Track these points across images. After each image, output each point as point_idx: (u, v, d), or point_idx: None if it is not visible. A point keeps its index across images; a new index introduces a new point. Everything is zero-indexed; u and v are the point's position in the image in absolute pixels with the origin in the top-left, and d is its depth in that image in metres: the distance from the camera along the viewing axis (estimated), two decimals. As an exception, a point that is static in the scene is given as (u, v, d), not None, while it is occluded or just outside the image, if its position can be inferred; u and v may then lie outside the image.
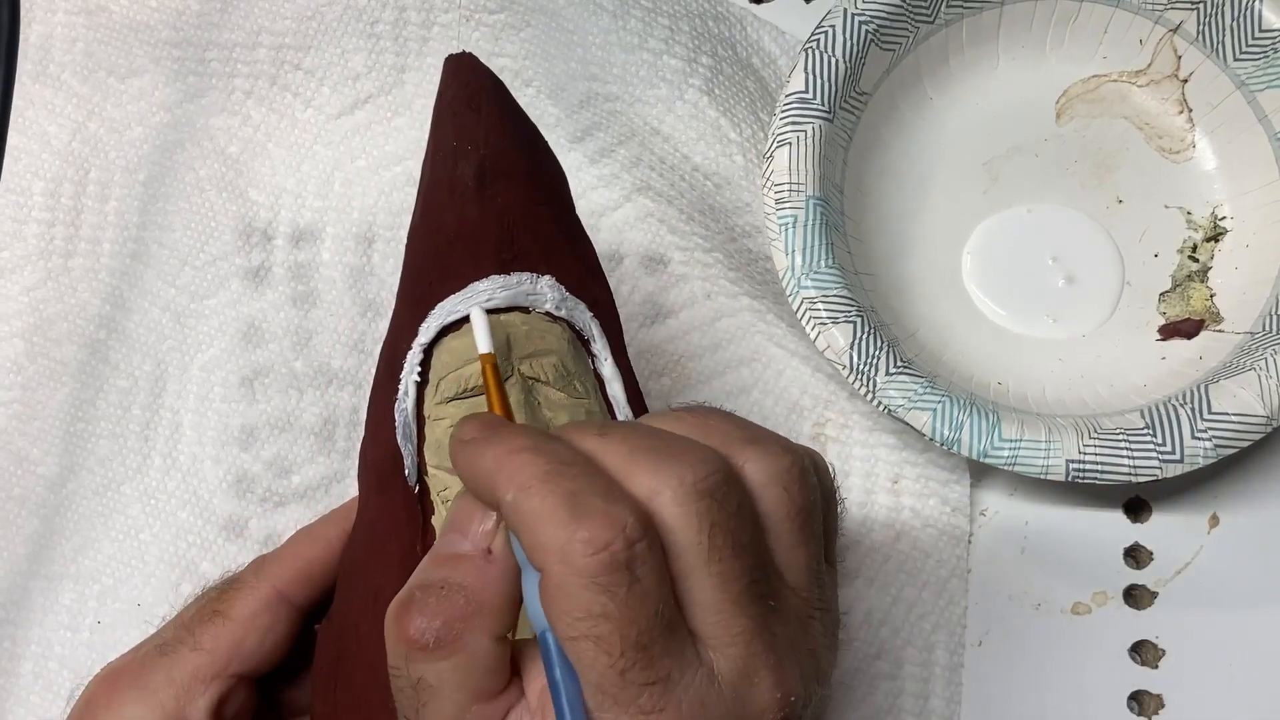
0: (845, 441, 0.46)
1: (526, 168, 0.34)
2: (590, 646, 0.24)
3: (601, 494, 0.25)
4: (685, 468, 0.26)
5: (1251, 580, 0.44)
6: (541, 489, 0.25)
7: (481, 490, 0.26)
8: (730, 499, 0.26)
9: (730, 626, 0.25)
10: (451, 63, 0.34)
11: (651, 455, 0.26)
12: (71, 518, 0.46)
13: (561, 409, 0.31)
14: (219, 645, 0.33)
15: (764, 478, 0.27)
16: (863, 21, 0.46)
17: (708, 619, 0.25)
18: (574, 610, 0.24)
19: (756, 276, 0.48)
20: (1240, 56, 0.47)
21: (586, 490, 0.25)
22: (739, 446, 0.27)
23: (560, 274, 0.33)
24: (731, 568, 0.25)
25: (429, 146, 0.34)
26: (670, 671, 0.24)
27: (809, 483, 0.28)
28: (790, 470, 0.27)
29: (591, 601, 0.24)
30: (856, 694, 0.43)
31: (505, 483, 0.25)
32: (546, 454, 0.26)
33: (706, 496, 0.25)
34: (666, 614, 0.25)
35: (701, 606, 0.25)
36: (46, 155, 0.50)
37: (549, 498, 0.25)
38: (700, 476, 0.25)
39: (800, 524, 0.27)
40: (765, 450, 0.27)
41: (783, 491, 0.27)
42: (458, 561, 0.27)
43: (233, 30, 0.51)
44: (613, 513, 0.24)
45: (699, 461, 0.26)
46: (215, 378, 0.47)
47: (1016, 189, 0.49)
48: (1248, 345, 0.44)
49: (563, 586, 0.24)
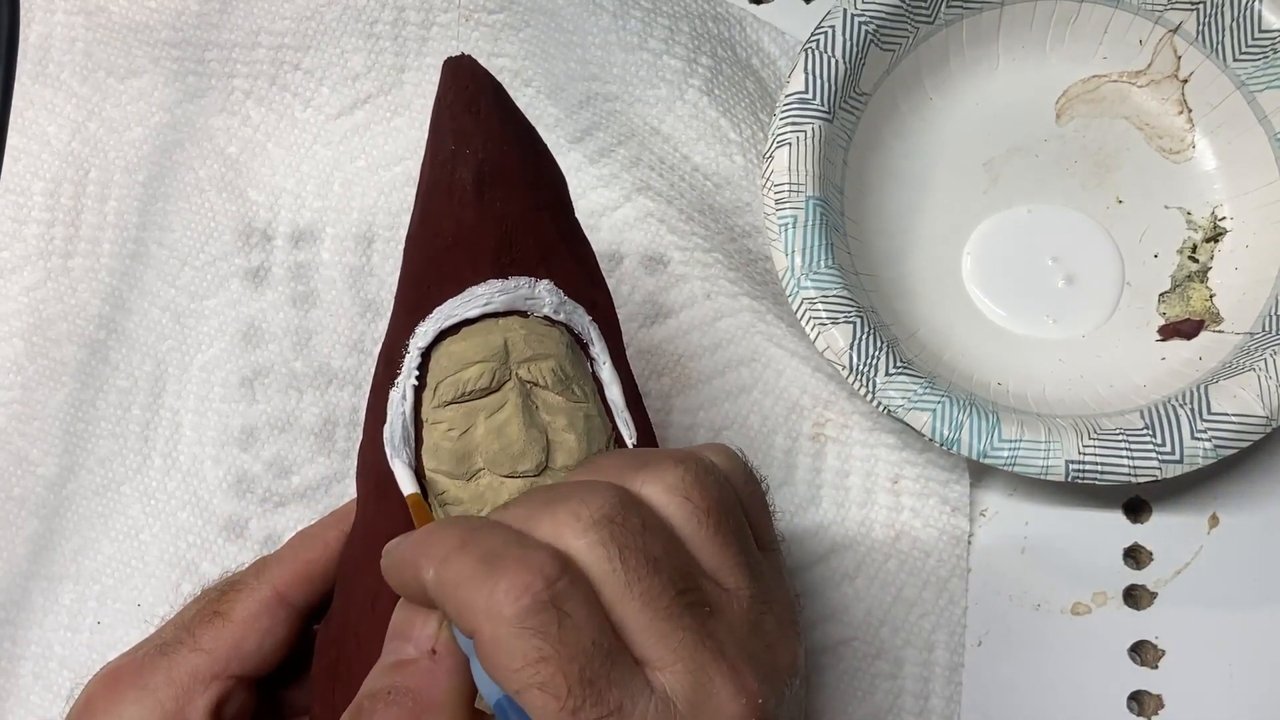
0: (845, 441, 0.46)
1: (525, 171, 0.33)
2: (537, 694, 0.24)
3: (515, 545, 0.25)
4: (578, 503, 0.26)
5: (1251, 580, 0.44)
6: (458, 555, 0.25)
7: (408, 579, 0.27)
8: (631, 520, 0.26)
9: (668, 643, 0.25)
10: (450, 65, 0.34)
11: (548, 505, 0.27)
12: (71, 518, 0.46)
13: (560, 413, 0.31)
14: (219, 646, 0.33)
15: (661, 493, 0.27)
16: (862, 22, 0.46)
17: (645, 641, 0.25)
18: (512, 662, 0.24)
19: (756, 276, 0.48)
20: (1240, 57, 0.46)
21: (499, 546, 0.25)
22: (630, 474, 0.28)
23: (559, 278, 0.33)
24: (652, 585, 0.26)
25: (427, 150, 0.34)
26: (622, 702, 0.24)
27: (710, 483, 0.28)
28: (685, 478, 0.27)
29: (526, 648, 0.24)
30: (856, 694, 0.43)
31: (425, 561, 0.26)
32: (459, 525, 0.26)
33: (607, 523, 0.26)
34: (605, 644, 0.25)
35: (636, 631, 0.25)
36: (46, 155, 0.50)
37: (465, 561, 0.25)
38: (595, 507, 0.26)
39: (714, 525, 0.27)
40: (656, 468, 0.28)
41: (684, 500, 0.27)
42: (402, 667, 0.27)
43: (232, 30, 0.51)
44: (527, 558, 0.25)
45: (591, 495, 0.26)
46: (215, 378, 0.47)
47: (1016, 189, 0.49)
48: (1247, 346, 0.44)
49: (495, 641, 0.24)
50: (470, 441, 0.31)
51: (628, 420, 0.33)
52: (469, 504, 0.31)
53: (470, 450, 0.31)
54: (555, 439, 0.31)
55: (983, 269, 0.48)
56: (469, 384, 0.31)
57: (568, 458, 0.31)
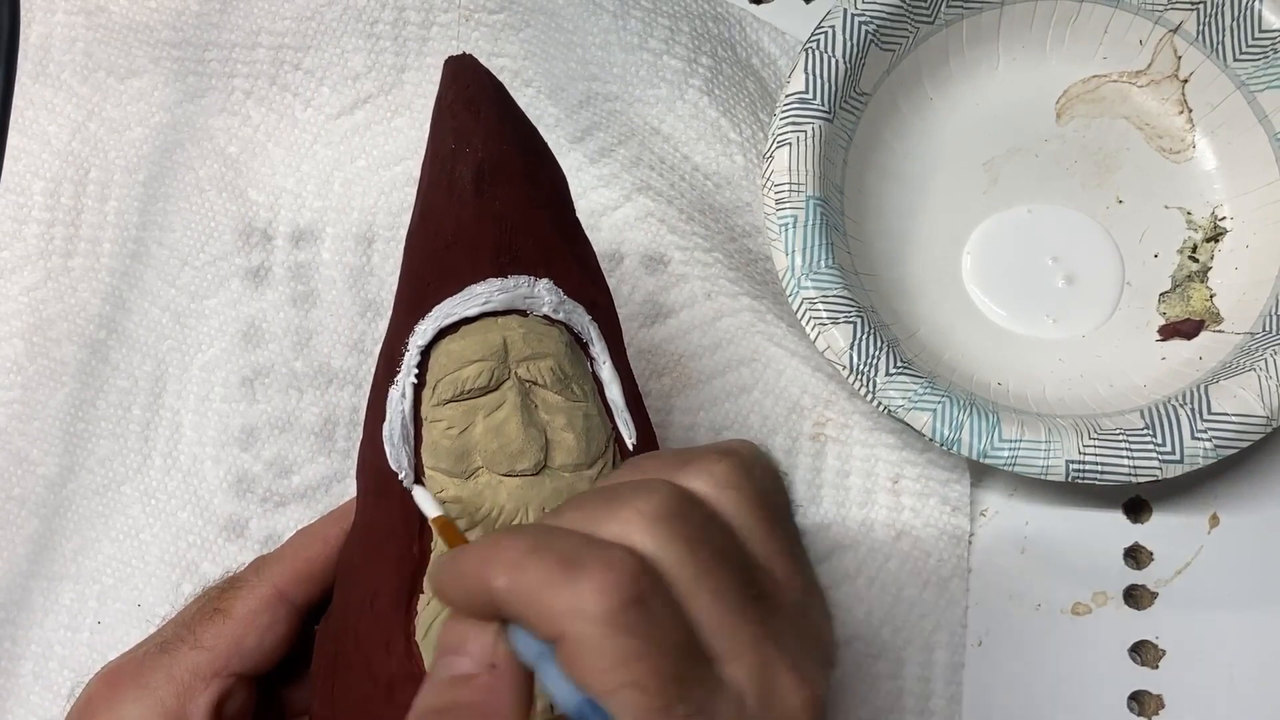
0: (846, 441, 0.46)
1: (525, 170, 0.33)
2: (630, 693, 0.23)
3: (590, 546, 0.25)
4: (642, 501, 0.26)
5: (1251, 580, 0.44)
6: (533, 560, 0.25)
7: (470, 590, 0.26)
8: (694, 514, 0.26)
9: (739, 637, 0.25)
10: (451, 64, 0.34)
11: (608, 505, 0.26)
12: (72, 518, 0.46)
13: (559, 412, 0.31)
14: (219, 644, 0.33)
15: (711, 487, 0.27)
16: (863, 22, 0.46)
17: (717, 635, 0.25)
18: (603, 661, 0.24)
19: (756, 276, 0.48)
20: (1240, 57, 0.46)
21: (575, 548, 0.25)
22: (677, 471, 0.27)
23: (558, 277, 0.33)
24: (721, 579, 0.25)
25: (428, 148, 0.34)
26: (704, 700, 0.24)
27: (755, 475, 0.28)
28: (734, 470, 0.27)
29: (620, 646, 0.24)
30: (858, 694, 0.43)
31: (495, 570, 0.25)
32: (526, 532, 0.26)
33: (674, 518, 0.25)
34: (685, 641, 0.25)
35: (708, 625, 0.25)
36: (46, 155, 0.50)
37: (542, 565, 0.24)
38: (656, 504, 0.26)
39: (765, 515, 0.27)
40: (702, 463, 0.27)
41: (735, 491, 0.27)
42: (463, 682, 0.26)
43: (232, 30, 0.51)
44: (608, 556, 0.24)
45: (649, 493, 0.26)
46: (215, 378, 0.47)
47: (1016, 189, 0.49)
48: (1248, 345, 0.44)
49: (584, 641, 0.24)
50: (469, 440, 0.31)
51: (627, 420, 0.33)
52: (467, 502, 0.31)
53: (469, 448, 0.31)
54: (554, 438, 0.31)
55: (983, 269, 0.48)
56: (467, 382, 0.31)
57: (566, 457, 0.31)
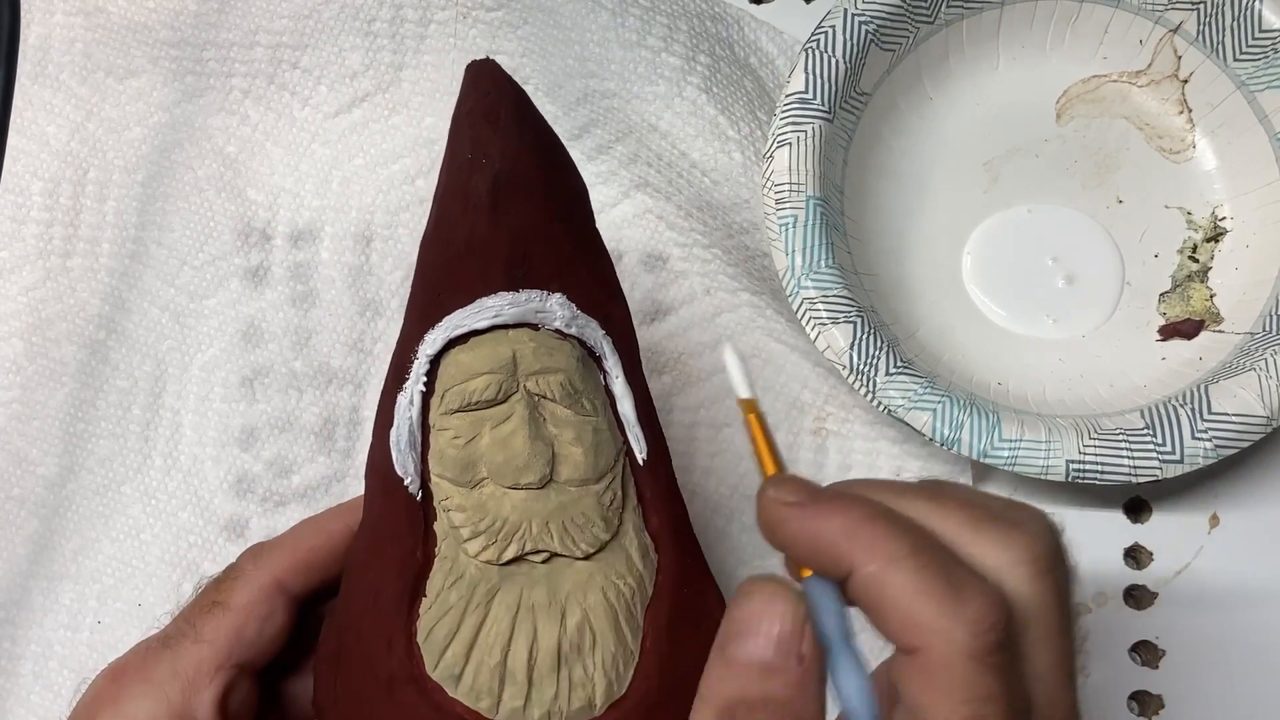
0: (847, 436, 0.46)
1: (543, 182, 0.33)
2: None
3: (971, 572, 0.24)
4: (1032, 538, 0.25)
5: (1251, 580, 0.44)
6: (913, 563, 0.24)
7: (823, 557, 0.25)
8: (1062, 567, 0.25)
9: (1060, 702, 0.25)
10: (472, 70, 0.33)
11: (992, 525, 0.25)
12: (72, 518, 0.46)
13: (567, 426, 0.31)
14: (220, 635, 0.33)
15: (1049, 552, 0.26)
16: (863, 22, 0.46)
17: (1040, 690, 0.25)
18: (961, 692, 0.23)
19: (755, 273, 0.48)
20: (1240, 57, 0.46)
21: (955, 566, 0.24)
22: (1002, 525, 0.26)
23: (572, 291, 0.32)
24: (1068, 641, 0.25)
25: (446, 152, 0.33)
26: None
27: (1065, 562, 0.27)
28: (1050, 550, 0.26)
29: (983, 684, 0.23)
30: (856, 694, 0.43)
31: (865, 554, 0.24)
32: (900, 526, 0.25)
33: (1057, 568, 0.25)
34: (1027, 695, 0.24)
35: (1038, 678, 0.25)
36: (45, 155, 0.50)
37: (923, 574, 0.24)
38: (1047, 548, 0.25)
39: (1065, 611, 0.26)
40: (1027, 530, 0.26)
41: (1051, 578, 0.26)
42: (771, 673, 0.25)
43: (230, 30, 0.51)
44: (990, 592, 0.24)
45: (1043, 531, 0.25)
46: (215, 378, 0.47)
47: (1016, 189, 0.49)
48: (1248, 345, 0.44)
49: (949, 667, 0.23)
50: (475, 450, 0.31)
51: (639, 435, 0.32)
52: (471, 512, 0.31)
53: (475, 459, 0.31)
54: (561, 452, 0.31)
55: (983, 269, 0.48)
56: (474, 394, 0.31)
57: (573, 471, 0.31)
